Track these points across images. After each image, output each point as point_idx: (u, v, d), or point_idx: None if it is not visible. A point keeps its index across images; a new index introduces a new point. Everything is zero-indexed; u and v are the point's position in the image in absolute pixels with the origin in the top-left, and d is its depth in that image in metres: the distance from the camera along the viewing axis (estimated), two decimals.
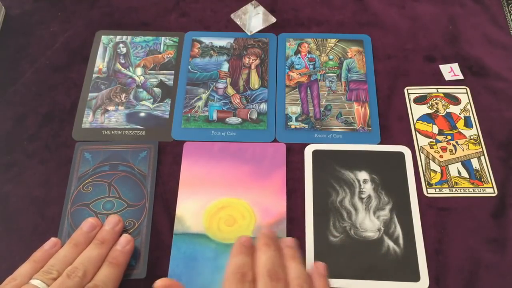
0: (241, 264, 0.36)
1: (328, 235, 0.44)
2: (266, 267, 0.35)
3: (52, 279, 0.37)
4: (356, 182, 0.47)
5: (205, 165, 0.48)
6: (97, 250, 0.40)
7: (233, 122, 0.51)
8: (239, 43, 0.56)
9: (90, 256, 0.39)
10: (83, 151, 0.48)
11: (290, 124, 0.51)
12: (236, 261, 0.36)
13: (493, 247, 0.44)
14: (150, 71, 0.54)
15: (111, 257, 0.40)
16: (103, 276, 0.38)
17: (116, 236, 0.42)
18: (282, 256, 0.37)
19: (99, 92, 0.53)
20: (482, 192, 0.46)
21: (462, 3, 0.59)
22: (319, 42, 0.56)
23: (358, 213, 0.45)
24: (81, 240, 0.41)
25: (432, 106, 0.52)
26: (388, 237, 0.44)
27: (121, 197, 0.46)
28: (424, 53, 0.55)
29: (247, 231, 0.44)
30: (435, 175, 0.47)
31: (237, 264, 0.36)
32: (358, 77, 0.54)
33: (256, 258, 0.36)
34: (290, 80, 0.54)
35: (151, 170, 0.47)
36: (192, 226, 0.45)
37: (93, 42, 0.56)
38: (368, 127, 0.50)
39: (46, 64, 0.55)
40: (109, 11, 0.59)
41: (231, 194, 0.46)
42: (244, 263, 0.36)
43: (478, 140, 0.50)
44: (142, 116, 0.51)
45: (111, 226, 0.42)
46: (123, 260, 0.40)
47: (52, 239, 0.42)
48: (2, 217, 0.46)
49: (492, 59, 0.55)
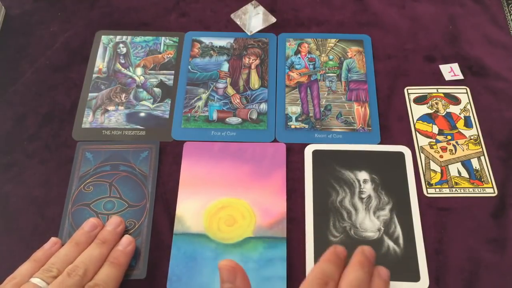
0: (327, 271, 0.35)
1: (328, 235, 0.44)
2: (350, 285, 0.34)
3: (52, 277, 0.37)
4: (356, 182, 0.47)
5: (205, 165, 0.48)
6: (98, 249, 0.40)
7: (233, 122, 0.51)
8: (239, 43, 0.56)
9: (91, 255, 0.39)
10: (84, 151, 0.48)
11: (290, 124, 0.51)
12: (323, 267, 0.36)
13: (493, 247, 0.44)
14: (150, 71, 0.54)
15: (112, 257, 0.40)
16: (104, 276, 0.38)
17: (117, 237, 0.42)
18: (370, 283, 0.36)
19: (99, 92, 0.53)
20: (482, 192, 0.47)
21: (462, 3, 0.59)
22: (319, 42, 0.56)
23: (358, 213, 0.45)
24: (82, 239, 0.41)
25: (432, 106, 0.52)
26: (388, 237, 0.44)
27: (122, 197, 0.46)
28: (424, 53, 0.55)
29: (247, 231, 0.44)
30: (435, 175, 0.47)
31: (323, 270, 0.36)
32: (358, 77, 0.54)
33: (345, 272, 0.36)
34: (290, 80, 0.54)
35: (152, 170, 0.47)
36: (192, 226, 0.45)
37: (93, 42, 0.56)
38: (368, 127, 0.50)
39: (46, 64, 0.55)
40: (109, 11, 0.59)
41: (231, 194, 0.46)
42: (330, 272, 0.35)
43: (478, 140, 0.50)
44: (142, 116, 0.51)
45: (113, 226, 0.42)
46: (124, 261, 0.40)
47: (52, 238, 0.42)
48: (2, 217, 0.46)
49: (492, 59, 0.55)
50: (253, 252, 0.43)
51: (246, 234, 0.44)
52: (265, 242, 0.44)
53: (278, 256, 0.43)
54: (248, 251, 0.43)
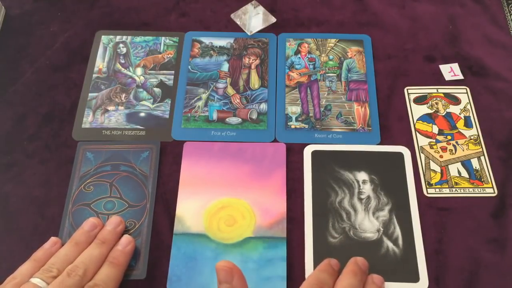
0: (322, 279, 0.37)
1: (327, 236, 0.44)
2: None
3: (52, 277, 0.37)
4: (355, 183, 0.47)
5: (205, 165, 0.48)
6: (98, 249, 0.40)
7: (233, 122, 0.51)
8: (239, 43, 0.56)
9: (91, 255, 0.39)
10: (85, 151, 0.48)
11: (290, 124, 0.51)
12: (318, 275, 0.38)
13: (493, 247, 0.44)
14: (150, 71, 0.54)
15: (111, 257, 0.40)
16: (103, 276, 0.38)
17: (117, 236, 0.42)
18: None
19: (99, 92, 0.53)
20: (482, 192, 0.47)
21: (462, 3, 0.59)
22: (319, 42, 0.56)
23: (357, 214, 0.45)
24: (82, 239, 0.41)
25: (432, 106, 0.52)
26: (387, 238, 0.44)
27: (122, 197, 0.46)
28: (424, 53, 0.55)
29: (247, 231, 0.44)
30: (435, 175, 0.47)
31: (319, 278, 0.38)
32: (358, 77, 0.54)
33: (338, 280, 0.38)
34: (290, 80, 0.54)
35: (153, 170, 0.47)
36: (192, 226, 0.45)
37: (93, 42, 0.56)
38: (368, 127, 0.50)
39: (46, 64, 0.55)
40: (109, 11, 0.59)
41: (231, 194, 0.46)
42: (325, 280, 0.38)
43: (478, 140, 0.50)
44: (142, 116, 0.51)
45: (113, 226, 0.42)
46: (123, 260, 0.40)
47: (52, 238, 0.42)
48: (2, 217, 0.46)
49: (492, 59, 0.55)
50: (253, 252, 0.43)
51: (246, 234, 0.44)
52: (265, 242, 0.44)
53: (278, 256, 0.43)
54: (248, 251, 0.43)
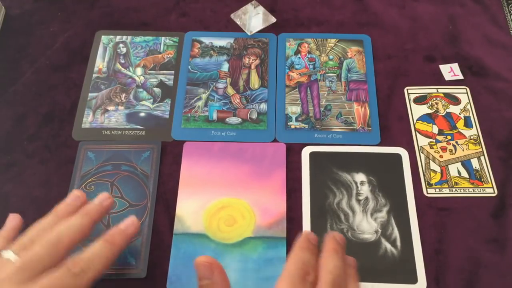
0: (306, 261, 0.34)
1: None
2: (332, 275, 0.33)
3: (22, 249, 0.34)
4: (354, 184, 0.47)
5: (205, 165, 0.48)
6: (79, 219, 0.37)
7: (233, 122, 0.51)
8: (239, 43, 0.56)
9: (70, 224, 0.36)
10: (86, 151, 0.49)
11: (290, 124, 0.51)
12: (301, 256, 0.35)
13: (493, 247, 0.44)
14: (150, 71, 0.54)
15: (108, 235, 0.37)
16: (90, 254, 0.35)
17: (103, 210, 0.39)
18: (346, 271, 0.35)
19: (99, 92, 0.53)
20: (482, 192, 0.47)
21: (462, 3, 0.59)
22: (319, 42, 0.56)
23: (355, 215, 0.45)
24: (63, 210, 0.38)
25: (432, 106, 0.52)
26: (385, 239, 0.44)
27: (123, 197, 0.46)
28: (424, 53, 0.55)
29: (247, 231, 0.44)
30: (435, 175, 0.47)
31: (302, 260, 0.34)
32: (358, 77, 0.54)
33: (323, 261, 0.35)
34: (290, 80, 0.54)
35: (154, 170, 0.48)
36: (192, 226, 0.45)
37: (93, 42, 0.56)
38: (368, 127, 0.50)
39: (46, 64, 0.55)
40: (109, 11, 0.59)
41: (231, 194, 0.46)
42: (309, 261, 0.34)
43: (478, 140, 0.50)
44: (142, 116, 0.51)
45: (99, 200, 0.39)
46: (120, 241, 0.37)
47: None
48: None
49: (492, 59, 0.55)
50: (253, 252, 0.43)
51: (246, 234, 0.44)
52: (265, 242, 0.44)
53: (278, 256, 0.43)
54: (248, 251, 0.43)
